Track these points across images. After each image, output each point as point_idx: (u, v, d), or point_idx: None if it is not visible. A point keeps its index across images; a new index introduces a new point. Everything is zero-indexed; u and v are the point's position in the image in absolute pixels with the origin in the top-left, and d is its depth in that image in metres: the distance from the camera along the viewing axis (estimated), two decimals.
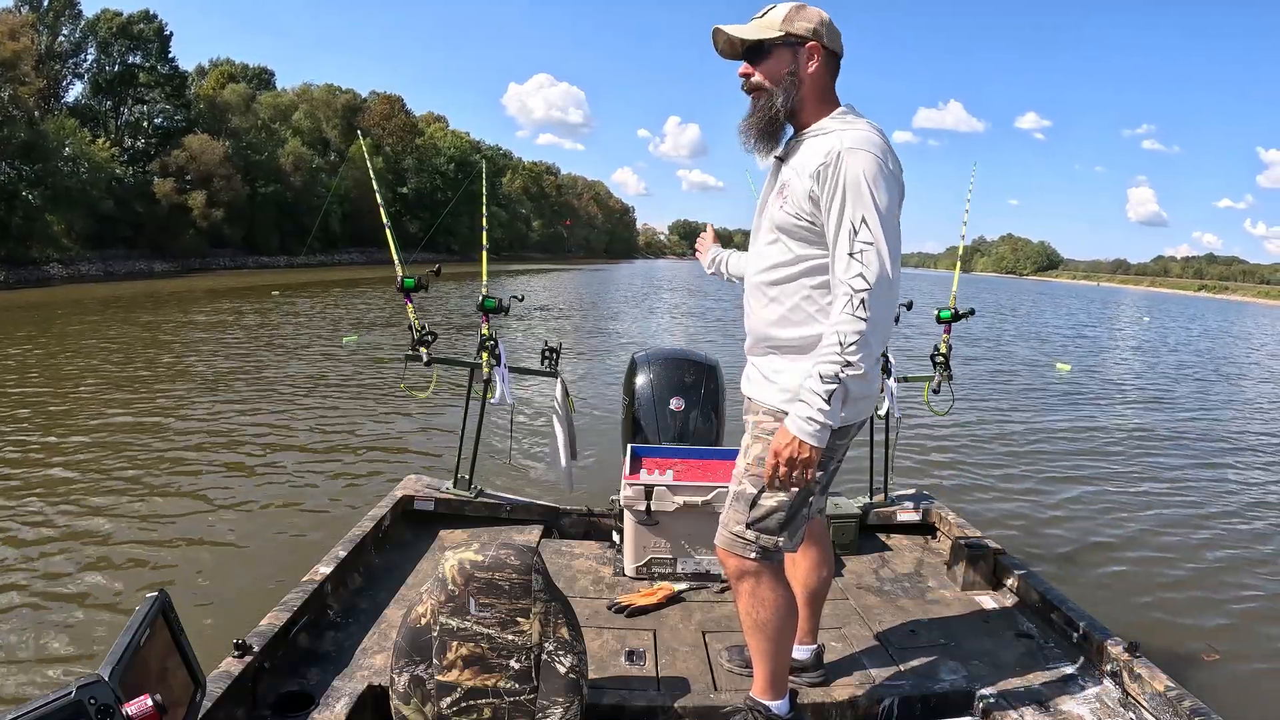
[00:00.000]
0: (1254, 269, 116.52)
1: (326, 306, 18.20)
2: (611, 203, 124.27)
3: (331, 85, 54.03)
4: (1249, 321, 38.09)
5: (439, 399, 7.29)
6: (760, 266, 1.65)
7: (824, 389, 1.45)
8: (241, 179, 37.98)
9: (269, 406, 7.30)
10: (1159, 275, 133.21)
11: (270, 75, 50.83)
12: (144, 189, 33.69)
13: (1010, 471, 6.17)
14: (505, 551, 1.53)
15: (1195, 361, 16.23)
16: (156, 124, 38.30)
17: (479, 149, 67.66)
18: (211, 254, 35.84)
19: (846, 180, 1.45)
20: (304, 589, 2.05)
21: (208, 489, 4.89)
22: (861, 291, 1.43)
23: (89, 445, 5.76)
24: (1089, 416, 8.85)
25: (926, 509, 3.01)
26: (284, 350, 10.94)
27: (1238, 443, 7.89)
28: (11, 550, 3.87)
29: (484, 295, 3.00)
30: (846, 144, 1.48)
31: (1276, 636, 3.62)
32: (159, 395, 7.61)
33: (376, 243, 46.69)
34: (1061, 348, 17.22)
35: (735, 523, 1.66)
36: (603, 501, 3.03)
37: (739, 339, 1.85)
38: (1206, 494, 5.89)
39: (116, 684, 1.04)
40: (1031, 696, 1.86)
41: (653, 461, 2.75)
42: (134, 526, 4.23)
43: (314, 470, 5.40)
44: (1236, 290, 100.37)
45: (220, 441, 6.00)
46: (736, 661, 2.00)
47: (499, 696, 1.50)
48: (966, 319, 2.95)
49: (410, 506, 2.87)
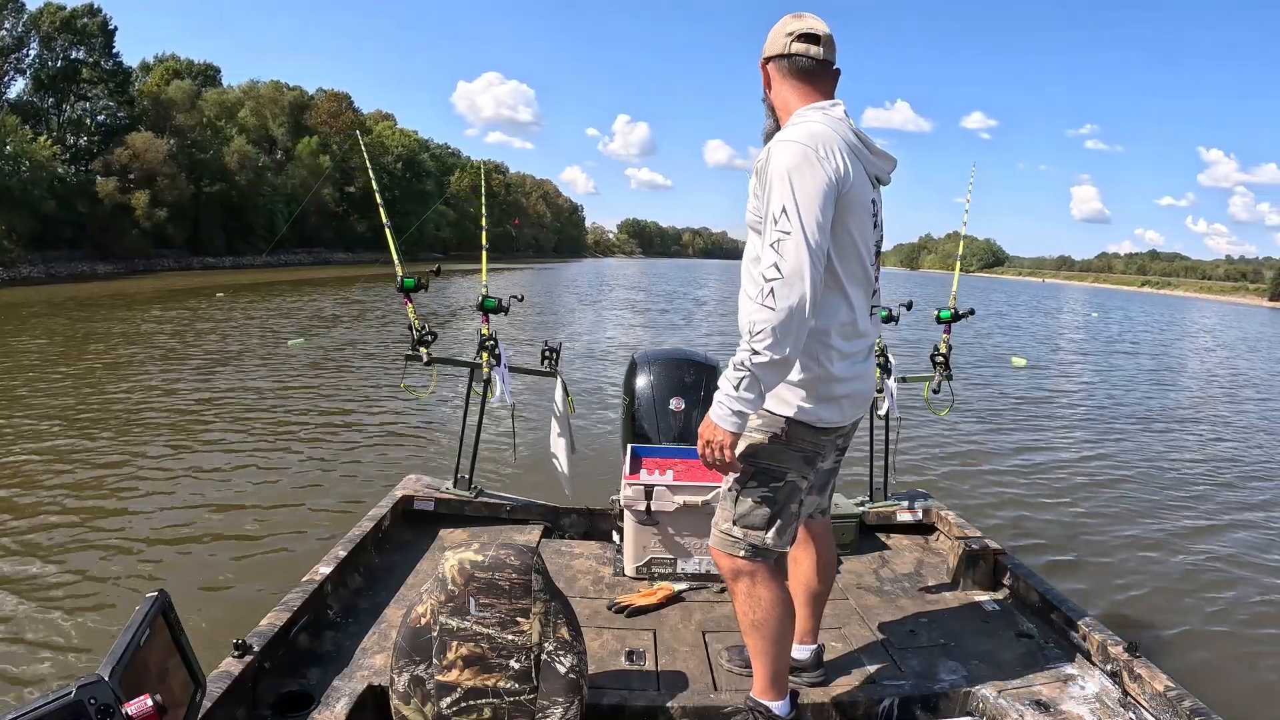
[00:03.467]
0: (1195, 265, 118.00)
1: (299, 306, 18.13)
2: (560, 201, 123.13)
3: (278, 82, 52.76)
4: (1205, 317, 38.59)
5: (439, 399, 7.30)
6: (746, 268, 1.67)
7: (734, 376, 1.47)
8: (186, 178, 36.77)
9: (269, 406, 7.30)
10: (1103, 271, 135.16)
11: (216, 72, 49.23)
12: (87, 188, 32.43)
13: (1010, 471, 6.18)
14: (505, 551, 1.53)
15: (1185, 359, 16.32)
16: (99, 121, 36.94)
17: (427, 147, 67.01)
18: (156, 255, 34.62)
19: (772, 173, 1.48)
20: (304, 589, 2.05)
21: (208, 489, 4.90)
22: (772, 281, 1.43)
23: (89, 445, 5.77)
24: (1089, 417, 8.85)
25: (926, 509, 3.01)
26: (285, 349, 10.95)
27: (1237, 443, 7.90)
28: (12, 550, 3.87)
29: (484, 295, 3.00)
30: (779, 138, 1.52)
31: (1277, 636, 3.62)
32: (157, 395, 7.61)
33: (323, 243, 46.89)
34: (1031, 343, 17.47)
35: (723, 520, 1.68)
36: (603, 501, 3.03)
37: (722, 339, 1.86)
38: (1207, 494, 5.89)
39: (116, 684, 1.03)
40: (1031, 696, 1.85)
41: (653, 461, 2.75)
42: (134, 526, 4.24)
43: (314, 470, 5.41)
44: (1179, 286, 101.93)
45: (220, 441, 6.00)
46: (736, 661, 1.99)
47: (499, 696, 1.50)
48: (967, 319, 2.95)
49: (410, 506, 2.86)
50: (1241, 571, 4.35)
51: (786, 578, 1.87)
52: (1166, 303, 60.06)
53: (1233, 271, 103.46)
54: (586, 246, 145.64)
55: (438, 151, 71.26)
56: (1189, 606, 3.88)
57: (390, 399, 7.77)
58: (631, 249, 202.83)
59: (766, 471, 1.63)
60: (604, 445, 5.87)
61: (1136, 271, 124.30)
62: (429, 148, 68.20)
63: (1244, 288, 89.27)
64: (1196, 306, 56.87)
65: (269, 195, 43.04)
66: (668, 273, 63.25)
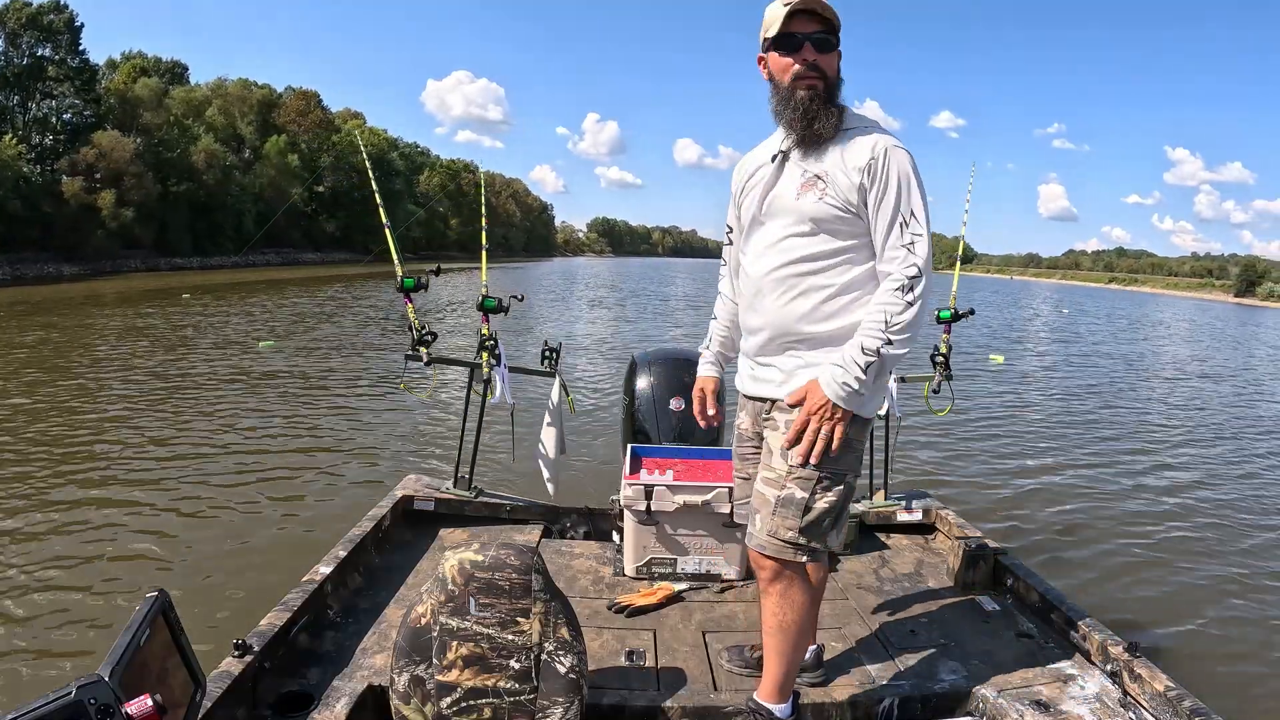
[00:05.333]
0: (1162, 262, 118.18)
1: (284, 305, 18.05)
2: (530, 200, 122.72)
3: (246, 80, 51.99)
4: (1177, 313, 38.97)
5: (439, 399, 7.29)
6: (783, 260, 1.62)
7: (864, 359, 1.52)
8: (153, 177, 36.05)
9: (268, 407, 7.30)
10: (1070, 268, 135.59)
11: (184, 70, 48.35)
12: (52, 188, 31.72)
13: (1010, 471, 6.18)
14: (505, 551, 1.53)
15: (1179, 357, 16.37)
16: (65, 120, 36.13)
17: (396, 146, 66.49)
18: (123, 256, 33.79)
19: (897, 176, 1.53)
20: (304, 589, 2.05)
21: (208, 489, 4.89)
22: (914, 278, 1.52)
23: (88, 445, 5.76)
24: (1089, 417, 8.85)
25: (926, 509, 3.02)
26: (284, 352, 10.95)
27: (1238, 442, 7.89)
28: (11, 551, 3.87)
29: (484, 295, 3.00)
30: (890, 142, 1.56)
31: (1277, 636, 3.62)
32: (156, 396, 7.61)
33: (292, 243, 46.46)
34: (1014, 340, 17.62)
35: (786, 530, 1.61)
36: (603, 501, 3.03)
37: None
38: (1207, 494, 5.89)
39: (116, 684, 1.03)
40: (1031, 696, 1.85)
41: (653, 461, 2.75)
42: (134, 526, 4.23)
43: (314, 470, 5.40)
44: (1146, 282, 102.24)
45: (220, 442, 6.00)
46: (736, 661, 1.99)
47: (499, 696, 1.50)
48: (966, 318, 2.95)
49: (410, 506, 2.87)
50: (1242, 571, 4.35)
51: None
52: (1135, 299, 60.49)
53: (1199, 268, 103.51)
54: (556, 246, 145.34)
55: (407, 150, 70.77)
56: (1189, 606, 3.88)
57: (390, 399, 7.77)
58: (601, 248, 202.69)
59: (835, 474, 1.60)
60: (603, 445, 5.88)
61: (1104, 269, 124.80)
62: (398, 146, 67.64)
63: (1210, 284, 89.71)
64: (1165, 303, 57.33)
65: (237, 195, 42.37)
66: (639, 271, 63.29)
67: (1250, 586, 4.15)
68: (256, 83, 52.80)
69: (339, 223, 51.28)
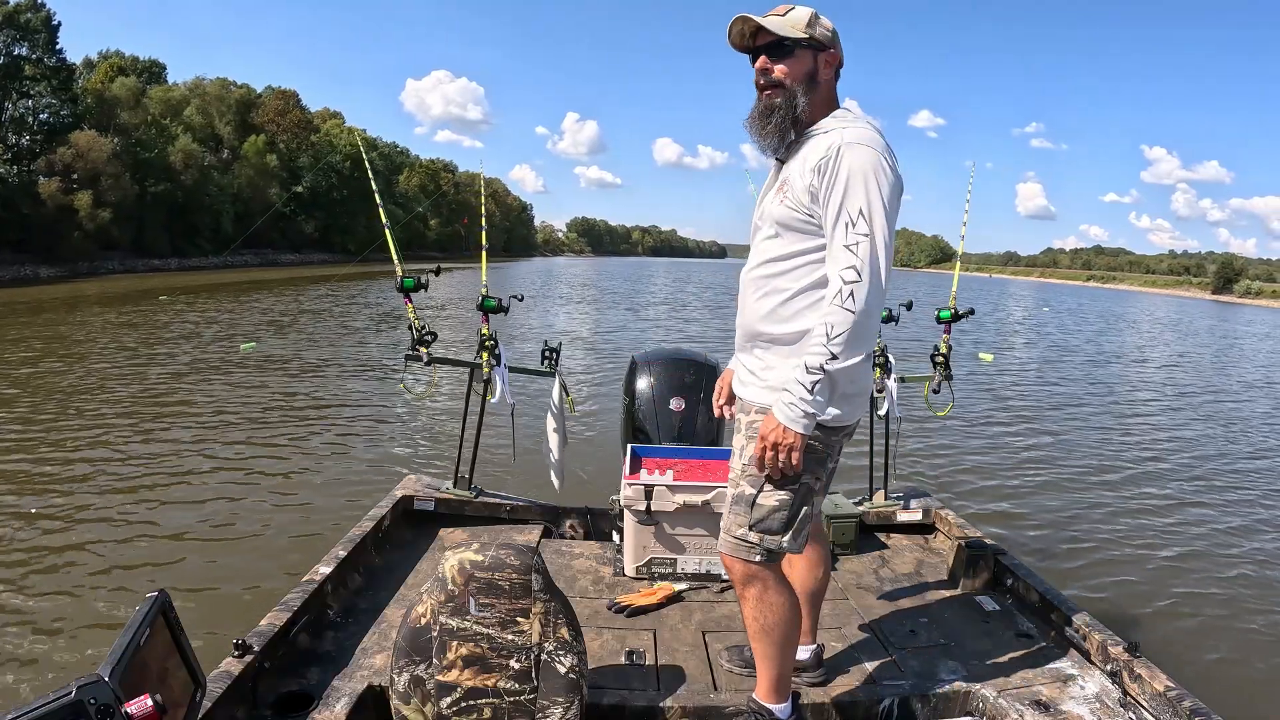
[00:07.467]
0: (1140, 259, 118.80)
1: (274, 305, 18.01)
2: (510, 200, 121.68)
3: (224, 79, 50.92)
4: (1158, 309, 39.24)
5: (439, 399, 7.30)
6: (757, 261, 1.66)
7: (809, 379, 1.46)
8: (130, 178, 35.38)
9: (269, 407, 7.30)
10: (1048, 266, 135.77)
11: (161, 69, 47.17)
12: (29, 189, 30.94)
13: (1010, 471, 6.18)
14: (505, 551, 1.53)
15: (1169, 354, 16.38)
16: (42, 120, 35.02)
17: (375, 146, 66.04)
18: (101, 257, 33.25)
19: (847, 173, 1.47)
20: (304, 589, 2.05)
21: (207, 489, 4.90)
22: (852, 283, 1.44)
23: (88, 445, 5.77)
24: (1089, 418, 8.85)
25: (926, 509, 3.01)
26: (285, 350, 10.95)
27: (1238, 442, 7.89)
28: (11, 551, 3.87)
29: (484, 295, 3.00)
30: (847, 139, 1.50)
31: (1276, 636, 3.62)
32: (154, 396, 7.61)
33: (270, 244, 46.04)
34: (996, 340, 17.73)
35: (737, 526, 1.64)
36: (603, 501, 3.03)
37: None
38: (1206, 494, 5.89)
39: (116, 684, 1.04)
40: (1031, 696, 1.85)
41: (653, 461, 2.75)
42: (134, 527, 4.24)
43: (314, 470, 5.41)
44: (1124, 280, 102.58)
45: (220, 442, 6.00)
46: (736, 661, 1.99)
47: (499, 696, 1.50)
48: (966, 318, 2.95)
49: (410, 506, 2.87)
50: (1243, 571, 4.35)
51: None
52: (1113, 297, 60.67)
53: (1176, 266, 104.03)
54: (536, 245, 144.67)
55: (386, 150, 70.36)
56: (1189, 606, 3.88)
57: (390, 399, 7.77)
58: (581, 247, 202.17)
59: (784, 475, 1.61)
60: (603, 445, 5.88)
61: (1082, 266, 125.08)
62: (377, 146, 67.20)
63: (1187, 281, 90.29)
64: (1143, 300, 57.62)
65: (215, 195, 41.88)
66: (619, 271, 63.33)
67: (1251, 586, 4.15)
68: (235, 82, 52.19)
69: (318, 223, 50.59)
